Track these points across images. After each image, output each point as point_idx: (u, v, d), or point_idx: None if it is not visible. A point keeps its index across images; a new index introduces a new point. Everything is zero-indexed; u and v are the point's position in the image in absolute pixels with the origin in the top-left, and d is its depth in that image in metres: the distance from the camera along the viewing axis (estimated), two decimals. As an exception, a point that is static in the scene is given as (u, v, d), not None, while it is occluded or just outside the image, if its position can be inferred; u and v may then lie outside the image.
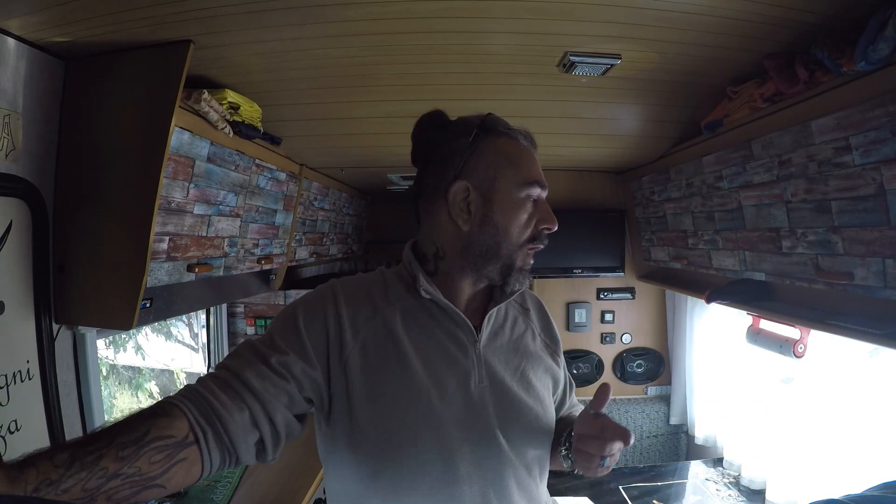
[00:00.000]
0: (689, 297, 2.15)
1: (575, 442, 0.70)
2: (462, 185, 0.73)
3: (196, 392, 0.61)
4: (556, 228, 0.74)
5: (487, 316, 0.76)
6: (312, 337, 0.68)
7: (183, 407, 0.59)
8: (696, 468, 1.98)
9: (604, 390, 0.69)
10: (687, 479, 1.91)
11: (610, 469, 0.68)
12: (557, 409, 0.87)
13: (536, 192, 0.74)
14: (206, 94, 1.22)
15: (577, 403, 0.95)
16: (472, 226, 0.73)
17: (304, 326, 0.69)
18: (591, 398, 0.70)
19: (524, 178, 0.73)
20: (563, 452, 0.77)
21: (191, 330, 3.16)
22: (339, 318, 0.70)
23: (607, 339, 2.45)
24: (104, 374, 2.39)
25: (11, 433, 1.08)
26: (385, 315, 0.72)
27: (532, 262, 0.76)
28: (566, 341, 2.44)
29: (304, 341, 0.68)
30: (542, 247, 0.75)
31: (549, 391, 0.81)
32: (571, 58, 1.16)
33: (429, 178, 0.77)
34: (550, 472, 0.81)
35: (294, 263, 2.33)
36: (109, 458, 0.51)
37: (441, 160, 0.76)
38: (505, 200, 0.73)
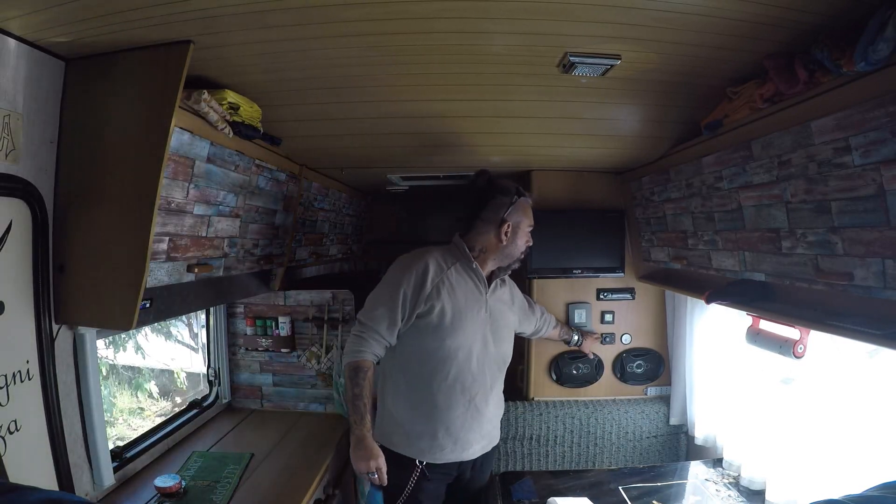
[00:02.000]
0: (689, 298, 2.14)
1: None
2: (509, 224, 1.55)
3: (369, 350, 1.50)
4: (531, 244, 1.64)
5: (493, 284, 1.62)
6: (413, 292, 1.48)
7: (373, 361, 1.51)
8: (696, 468, 1.98)
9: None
10: (687, 479, 1.91)
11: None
12: (531, 323, 1.98)
13: (531, 228, 1.61)
14: (205, 95, 1.22)
15: (548, 316, 2.11)
16: (507, 243, 1.56)
17: (405, 288, 1.48)
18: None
19: (529, 224, 1.60)
20: (577, 339, 2.23)
21: (190, 330, 3.17)
22: (426, 276, 1.49)
23: (607, 339, 2.45)
24: (104, 374, 2.39)
25: (11, 433, 1.08)
26: (447, 273, 1.53)
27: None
28: (566, 341, 2.45)
29: (408, 296, 1.48)
30: (526, 252, 1.65)
31: (509, 322, 1.71)
32: (571, 58, 1.16)
33: (486, 212, 1.56)
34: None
35: (294, 264, 2.33)
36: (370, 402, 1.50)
37: (495, 206, 1.56)
38: (522, 233, 1.58)
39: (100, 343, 1.49)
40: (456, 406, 1.51)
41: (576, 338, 2.20)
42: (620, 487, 1.83)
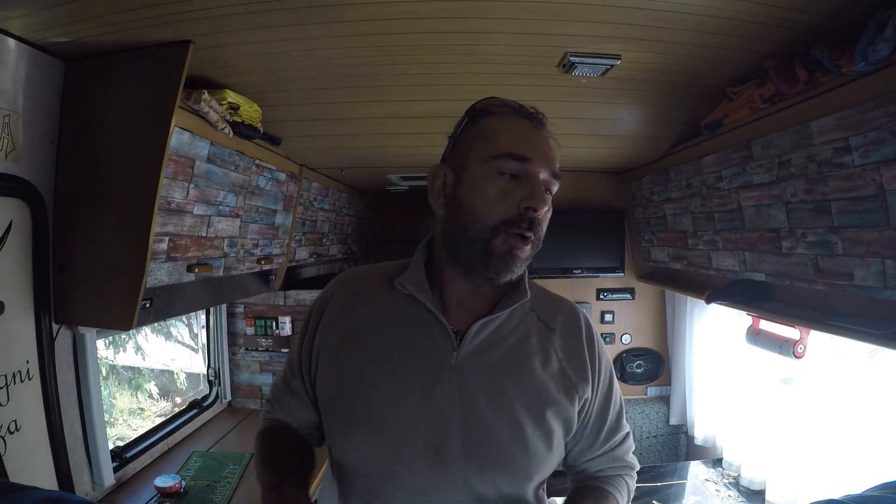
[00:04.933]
0: (689, 298, 2.14)
1: None
2: (437, 169, 0.70)
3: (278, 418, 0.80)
4: (542, 209, 0.65)
5: (476, 326, 0.68)
6: (306, 348, 0.75)
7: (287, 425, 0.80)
8: (696, 468, 1.98)
9: None
10: (686, 479, 1.91)
11: None
12: (575, 454, 0.77)
13: (511, 164, 0.64)
14: (206, 95, 1.22)
15: (623, 462, 0.80)
16: (445, 209, 0.69)
17: (300, 346, 0.76)
18: None
19: (494, 150, 0.65)
20: None
21: (191, 330, 3.16)
22: (322, 322, 0.73)
23: (607, 339, 2.45)
24: (104, 374, 2.39)
25: (11, 433, 1.08)
26: (366, 309, 0.72)
27: (523, 249, 0.64)
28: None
29: (302, 359, 0.76)
30: (528, 233, 0.64)
31: (546, 431, 0.68)
32: (571, 58, 1.16)
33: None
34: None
35: (294, 264, 2.33)
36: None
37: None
38: (473, 177, 0.66)
39: (100, 343, 1.49)
40: None
41: None
42: (620, 487, 1.83)
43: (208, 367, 2.39)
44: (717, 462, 1.99)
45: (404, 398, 0.65)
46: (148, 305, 1.27)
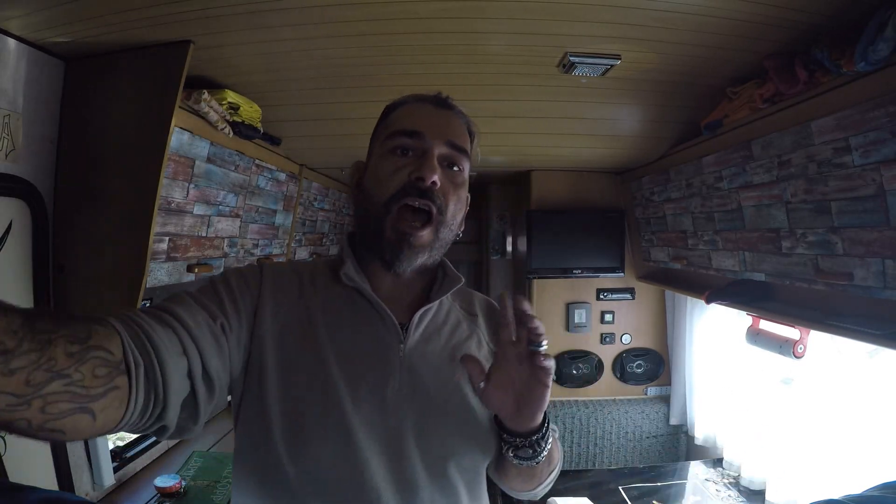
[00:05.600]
0: (689, 298, 2.14)
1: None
2: (354, 165, 0.74)
3: (127, 317, 0.51)
4: (430, 177, 0.63)
5: (417, 315, 0.68)
6: (244, 299, 0.64)
7: (116, 325, 0.48)
8: (696, 468, 1.98)
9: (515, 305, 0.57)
10: (687, 479, 1.91)
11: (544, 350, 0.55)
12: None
13: (402, 140, 0.66)
14: (206, 95, 1.22)
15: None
16: (355, 200, 0.71)
17: (238, 288, 0.64)
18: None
19: (389, 131, 0.68)
20: (508, 443, 0.64)
21: (191, 330, 3.16)
22: (262, 294, 0.65)
23: (607, 339, 2.45)
24: (104, 374, 2.39)
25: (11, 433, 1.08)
26: (309, 301, 0.67)
27: (416, 235, 0.64)
28: (566, 342, 2.43)
29: (238, 300, 0.63)
30: (418, 201, 0.63)
31: (469, 402, 0.68)
32: (571, 58, 1.16)
33: None
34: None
35: (294, 263, 2.33)
36: (60, 348, 0.40)
37: None
38: (372, 162, 0.70)
39: (100, 343, 1.49)
40: None
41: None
42: (620, 487, 1.83)
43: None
44: (718, 462, 1.99)
45: (362, 398, 0.62)
46: (148, 305, 1.27)
